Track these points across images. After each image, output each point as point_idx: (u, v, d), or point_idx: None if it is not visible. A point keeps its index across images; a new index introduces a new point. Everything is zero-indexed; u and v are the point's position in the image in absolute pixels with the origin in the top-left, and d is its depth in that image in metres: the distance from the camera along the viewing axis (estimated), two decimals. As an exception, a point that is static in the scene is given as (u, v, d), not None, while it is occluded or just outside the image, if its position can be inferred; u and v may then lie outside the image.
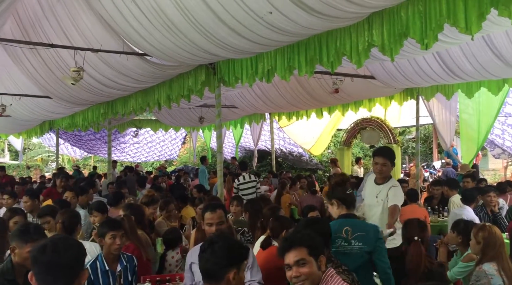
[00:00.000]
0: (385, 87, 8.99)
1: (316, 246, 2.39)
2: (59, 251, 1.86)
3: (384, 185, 4.52)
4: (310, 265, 2.32)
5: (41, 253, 1.86)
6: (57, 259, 1.85)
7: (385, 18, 4.37)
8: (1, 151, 26.64)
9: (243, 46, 5.36)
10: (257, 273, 3.26)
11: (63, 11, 6.33)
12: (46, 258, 1.85)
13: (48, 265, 1.84)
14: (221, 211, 3.40)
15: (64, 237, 2.04)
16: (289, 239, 2.42)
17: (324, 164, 18.15)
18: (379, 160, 4.50)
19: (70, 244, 1.93)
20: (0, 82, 10.01)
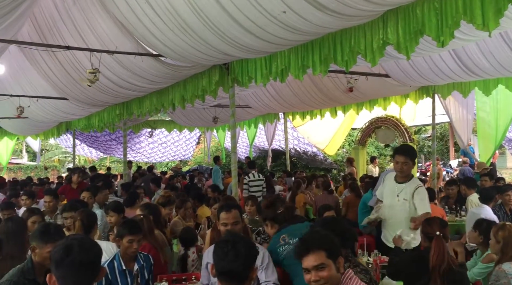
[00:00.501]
0: (400, 85, 8.90)
1: (334, 248, 2.35)
2: (86, 250, 1.91)
3: (406, 184, 4.48)
4: (329, 268, 2.28)
5: (66, 254, 1.87)
6: (84, 258, 1.89)
7: (400, 16, 4.33)
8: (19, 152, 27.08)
9: (257, 45, 5.36)
10: (273, 273, 3.26)
11: (79, 14, 6.41)
12: (73, 257, 1.87)
13: (75, 264, 1.87)
14: (236, 211, 3.41)
15: (85, 237, 2.10)
16: (306, 242, 2.36)
17: (338, 163, 18.06)
18: (400, 158, 4.45)
19: (93, 243, 2.00)
20: (18, 84, 10.18)
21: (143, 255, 3.61)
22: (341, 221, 3.28)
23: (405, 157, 4.43)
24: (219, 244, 2.24)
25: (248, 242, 2.27)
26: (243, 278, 2.15)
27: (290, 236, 3.61)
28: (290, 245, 3.55)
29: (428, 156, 19.11)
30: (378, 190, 4.93)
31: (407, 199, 4.43)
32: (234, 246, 2.16)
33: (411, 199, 4.40)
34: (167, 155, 20.57)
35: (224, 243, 2.20)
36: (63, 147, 24.78)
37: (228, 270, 2.15)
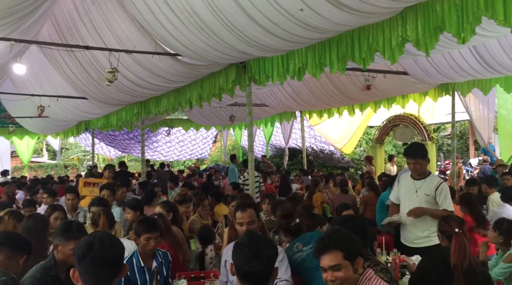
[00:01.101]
0: (419, 83, 8.79)
1: (352, 249, 2.31)
2: (106, 247, 1.93)
3: (426, 180, 4.45)
4: (346, 269, 2.26)
5: (88, 250, 1.91)
6: (104, 255, 1.91)
7: (419, 12, 4.27)
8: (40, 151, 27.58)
9: (274, 44, 5.35)
10: (286, 271, 3.25)
11: (97, 14, 6.50)
12: (94, 254, 1.90)
13: (96, 261, 1.90)
14: (252, 210, 3.37)
15: (107, 234, 2.10)
16: (324, 241, 2.34)
17: (355, 161, 17.93)
18: (410, 160, 4.49)
19: (114, 241, 2.02)
20: (39, 84, 10.37)
21: (162, 252, 3.64)
22: (361, 219, 3.25)
23: (414, 158, 4.45)
24: (240, 246, 2.18)
25: (269, 242, 2.26)
26: (266, 280, 2.14)
27: (303, 244, 3.60)
28: (303, 252, 3.54)
29: (448, 154, 18.84)
30: (393, 193, 4.83)
31: (429, 194, 4.39)
32: (257, 249, 2.13)
33: (435, 195, 4.36)
34: (184, 154, 20.71)
35: (246, 246, 2.15)
36: (82, 146, 25.17)
37: (252, 273, 2.12)
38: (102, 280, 1.93)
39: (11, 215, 4.19)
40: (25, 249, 2.73)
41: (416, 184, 4.48)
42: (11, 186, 10.30)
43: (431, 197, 4.38)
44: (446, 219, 3.63)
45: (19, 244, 2.73)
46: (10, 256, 2.63)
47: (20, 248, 2.71)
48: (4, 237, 2.76)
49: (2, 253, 2.64)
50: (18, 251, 2.68)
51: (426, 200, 4.40)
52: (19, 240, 2.81)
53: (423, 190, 4.43)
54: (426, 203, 4.40)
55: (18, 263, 2.64)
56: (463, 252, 3.16)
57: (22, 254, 2.68)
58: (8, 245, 2.66)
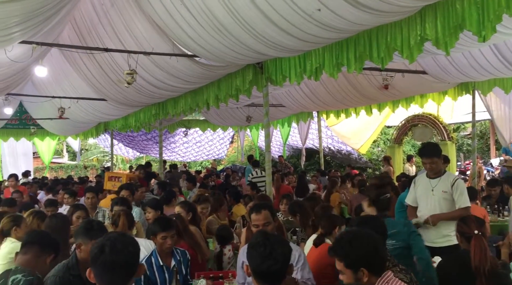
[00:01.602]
0: (438, 82, 8.68)
1: (354, 260, 2.29)
2: (117, 250, 1.91)
3: (441, 178, 4.43)
4: (348, 276, 2.30)
5: (100, 253, 1.91)
6: (115, 259, 1.90)
7: (438, 11, 4.22)
8: (60, 152, 28.06)
9: (291, 44, 5.35)
10: (309, 273, 3.24)
11: (117, 17, 6.59)
12: (104, 257, 1.90)
13: (106, 265, 1.90)
14: (267, 212, 3.34)
15: (121, 235, 2.07)
16: (334, 245, 2.41)
17: (373, 162, 17.78)
18: (426, 160, 4.48)
19: (127, 242, 1.98)
20: (59, 86, 10.56)
21: (180, 250, 3.66)
22: (380, 219, 3.21)
23: (430, 158, 4.44)
24: (255, 247, 2.18)
25: (282, 240, 2.26)
26: (282, 277, 2.15)
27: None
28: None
29: (468, 155, 18.53)
30: (409, 196, 4.78)
31: (446, 190, 4.36)
32: (272, 248, 2.13)
33: (451, 191, 4.33)
34: (201, 154, 20.81)
35: (261, 246, 2.15)
36: (101, 147, 25.52)
37: (268, 273, 2.13)
38: (116, 282, 1.93)
39: (35, 215, 4.27)
40: (53, 248, 2.73)
41: (432, 182, 4.47)
42: (32, 186, 10.51)
43: (448, 194, 4.35)
44: (464, 220, 3.57)
45: (48, 243, 2.73)
46: (38, 255, 2.63)
47: (49, 247, 2.71)
48: (33, 236, 2.76)
49: (30, 252, 2.63)
50: (46, 250, 2.68)
51: (444, 197, 4.37)
52: (48, 239, 2.80)
53: (440, 187, 4.41)
54: (444, 200, 4.37)
55: (45, 262, 2.64)
56: (484, 254, 3.09)
57: (50, 253, 2.68)
58: (37, 243, 2.67)
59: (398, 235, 3.30)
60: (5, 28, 4.83)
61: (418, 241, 3.37)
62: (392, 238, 3.31)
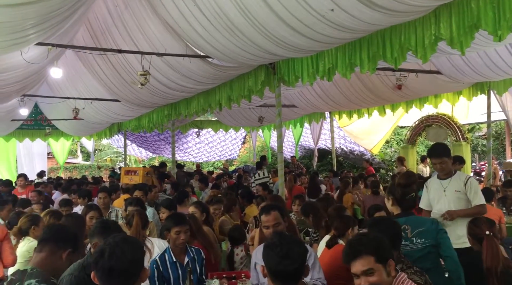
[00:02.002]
0: (453, 82, 8.59)
1: (384, 252, 2.25)
2: (116, 256, 1.88)
3: (452, 178, 4.39)
4: (379, 273, 2.20)
5: (99, 257, 1.90)
6: (113, 265, 1.87)
7: (453, 10, 4.18)
8: (75, 152, 28.36)
9: (304, 44, 5.34)
10: (320, 272, 3.23)
11: (130, 18, 6.65)
12: (103, 263, 1.88)
13: (105, 270, 1.88)
14: (276, 213, 3.33)
15: (122, 239, 2.00)
16: (354, 246, 2.28)
17: (386, 162, 17.64)
18: (436, 160, 4.42)
19: (127, 249, 1.92)
20: (74, 87, 10.68)
21: (194, 248, 3.67)
22: (392, 220, 3.19)
23: (441, 158, 4.39)
24: (271, 247, 2.18)
25: (297, 240, 2.27)
26: (299, 277, 2.15)
27: (413, 229, 3.31)
28: (411, 242, 3.28)
29: (483, 155, 18.29)
30: (422, 200, 4.70)
31: (459, 189, 4.32)
32: (288, 248, 2.13)
33: (465, 190, 4.29)
34: (214, 155, 20.86)
35: (277, 246, 2.15)
36: (114, 147, 25.74)
37: (285, 272, 2.12)
38: None
39: (52, 215, 4.33)
40: (69, 243, 2.57)
41: (443, 183, 4.43)
42: (47, 186, 10.63)
43: (461, 193, 4.30)
44: (475, 222, 3.53)
45: (62, 238, 2.57)
46: (53, 251, 2.51)
47: (63, 242, 2.56)
48: (48, 232, 2.63)
49: (45, 249, 2.52)
50: (61, 245, 2.53)
51: (458, 196, 4.32)
52: (63, 233, 2.63)
53: (452, 187, 4.36)
54: (458, 199, 4.32)
55: (61, 258, 2.52)
56: (496, 255, 3.06)
57: (66, 248, 2.54)
58: (52, 240, 2.55)
59: (427, 233, 3.23)
60: (21, 30, 4.90)
61: (446, 240, 3.30)
62: (420, 237, 3.25)
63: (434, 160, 4.47)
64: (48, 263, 2.38)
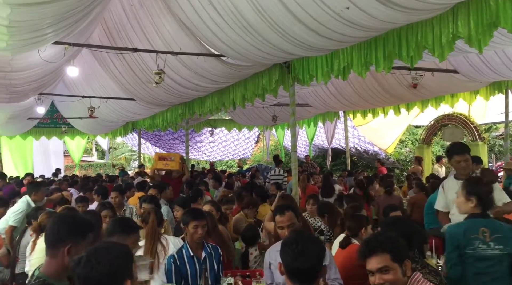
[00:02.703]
0: (470, 81, 8.47)
1: (400, 251, 2.24)
2: (91, 265, 1.78)
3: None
4: (395, 271, 2.19)
5: (75, 265, 1.81)
6: (89, 274, 1.77)
7: (472, 8, 4.12)
8: (90, 150, 28.69)
9: (319, 43, 5.31)
10: (336, 272, 3.21)
11: (145, 17, 6.69)
12: (79, 271, 1.79)
13: (81, 279, 1.79)
14: (290, 213, 3.33)
15: (102, 248, 1.88)
16: (370, 243, 2.27)
17: (401, 162, 17.48)
18: (461, 157, 4.28)
19: (106, 257, 1.81)
20: (89, 86, 10.80)
21: (212, 245, 3.69)
22: (408, 221, 3.15)
23: (463, 155, 4.28)
24: (288, 244, 2.18)
25: (315, 239, 2.26)
26: (315, 276, 2.13)
27: (492, 232, 3.09)
28: (488, 247, 3.08)
29: (500, 156, 18.01)
30: (439, 201, 4.60)
31: None
32: (304, 246, 2.13)
33: None
34: (227, 154, 20.91)
35: (293, 243, 2.15)
36: (129, 145, 25.98)
37: (302, 270, 2.11)
38: None
39: (47, 215, 4.37)
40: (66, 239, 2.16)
41: (460, 184, 4.33)
42: (63, 184, 10.76)
43: None
44: None
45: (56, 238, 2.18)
46: (53, 255, 2.17)
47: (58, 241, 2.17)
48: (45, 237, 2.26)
49: (48, 254, 2.19)
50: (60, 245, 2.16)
51: None
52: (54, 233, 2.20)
53: None
54: None
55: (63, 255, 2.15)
56: None
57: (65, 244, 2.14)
58: (48, 243, 2.20)
59: (506, 240, 3.07)
60: (39, 29, 4.96)
61: None
62: (498, 243, 3.09)
63: (458, 156, 4.31)
64: (51, 266, 2.13)
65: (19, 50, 5.76)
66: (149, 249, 3.62)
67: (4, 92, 8.27)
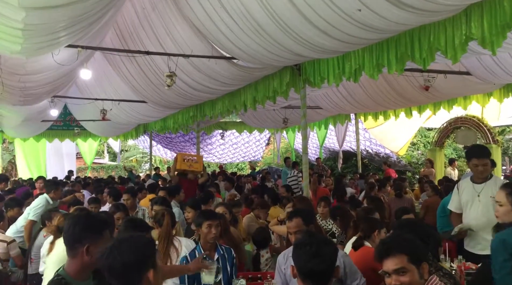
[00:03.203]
0: (483, 83, 8.38)
1: (418, 253, 2.19)
2: (113, 256, 1.85)
3: (487, 183, 4.22)
4: (411, 273, 2.14)
5: (100, 257, 1.89)
6: (112, 264, 1.85)
7: (485, 9, 4.08)
8: (102, 152, 28.91)
9: (331, 45, 5.30)
10: (361, 278, 3.19)
11: (157, 20, 6.74)
12: (103, 262, 1.87)
13: (105, 269, 1.87)
14: (298, 220, 3.32)
15: (123, 240, 1.94)
16: (387, 244, 2.23)
17: (413, 165, 17.34)
18: (480, 161, 4.20)
19: (127, 249, 1.87)
20: (102, 89, 10.89)
21: (225, 247, 3.69)
22: (421, 224, 3.11)
23: (485, 158, 4.20)
24: (300, 246, 2.18)
25: (328, 240, 2.26)
26: (328, 278, 2.13)
27: None
28: None
29: (513, 159, 17.79)
30: (453, 202, 4.57)
31: (495, 195, 4.16)
32: (318, 247, 2.12)
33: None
34: (238, 156, 20.95)
35: (307, 245, 2.15)
36: (140, 148, 26.13)
37: (315, 271, 2.10)
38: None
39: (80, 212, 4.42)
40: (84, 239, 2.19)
41: (477, 188, 4.26)
42: (76, 185, 10.85)
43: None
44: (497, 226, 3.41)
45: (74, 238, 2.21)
46: (71, 255, 2.22)
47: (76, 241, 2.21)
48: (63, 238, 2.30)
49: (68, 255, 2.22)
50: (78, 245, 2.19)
51: (493, 202, 4.17)
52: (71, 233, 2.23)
53: (487, 192, 4.17)
54: (493, 206, 4.15)
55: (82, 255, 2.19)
56: None
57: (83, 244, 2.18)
58: (66, 243, 2.24)
59: None
60: (53, 33, 5.02)
61: None
62: None
63: (476, 160, 4.22)
64: (73, 267, 2.18)
65: (34, 53, 5.82)
66: (162, 251, 3.64)
67: (19, 95, 8.37)
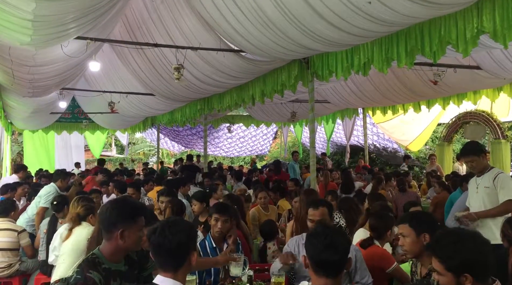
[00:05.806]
0: (493, 78, 8.29)
1: (457, 265, 1.97)
2: (166, 235, 2.01)
3: (485, 175, 4.37)
4: (448, 279, 1.99)
5: (151, 234, 2.05)
6: (162, 242, 2.00)
7: (497, 2, 4.02)
8: (109, 145, 29.03)
9: (340, 38, 5.26)
10: (369, 277, 3.19)
11: (166, 12, 6.73)
12: (153, 239, 2.03)
13: (155, 246, 2.03)
14: (324, 209, 3.39)
15: (174, 221, 2.12)
16: (433, 246, 2.08)
17: (421, 160, 17.25)
18: (466, 159, 4.52)
19: (178, 229, 2.04)
20: (110, 81, 10.93)
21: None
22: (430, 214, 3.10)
23: (468, 156, 4.42)
24: (315, 236, 2.19)
25: (341, 231, 2.29)
26: (341, 269, 2.14)
27: None
28: None
29: (523, 154, 17.61)
30: (467, 198, 4.73)
31: (488, 186, 4.30)
32: (332, 238, 2.13)
33: (494, 187, 4.25)
34: (245, 150, 20.96)
35: (321, 235, 2.16)
36: (148, 141, 26.22)
37: (329, 262, 2.11)
38: (164, 265, 2.03)
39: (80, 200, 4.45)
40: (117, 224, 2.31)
41: (477, 180, 4.47)
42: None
43: (490, 189, 4.28)
44: (510, 221, 3.40)
45: (110, 221, 2.33)
46: (106, 237, 2.35)
47: (110, 225, 2.33)
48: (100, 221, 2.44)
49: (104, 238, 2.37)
50: (112, 228, 2.32)
51: (487, 192, 4.30)
52: (106, 217, 2.35)
53: (482, 184, 4.38)
54: (487, 195, 4.30)
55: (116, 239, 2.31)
56: None
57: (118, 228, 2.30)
58: (102, 226, 2.38)
59: None
60: (63, 24, 5.03)
61: None
62: None
63: (463, 159, 4.60)
64: (107, 249, 2.33)
65: (43, 45, 5.85)
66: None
67: (28, 87, 8.42)
